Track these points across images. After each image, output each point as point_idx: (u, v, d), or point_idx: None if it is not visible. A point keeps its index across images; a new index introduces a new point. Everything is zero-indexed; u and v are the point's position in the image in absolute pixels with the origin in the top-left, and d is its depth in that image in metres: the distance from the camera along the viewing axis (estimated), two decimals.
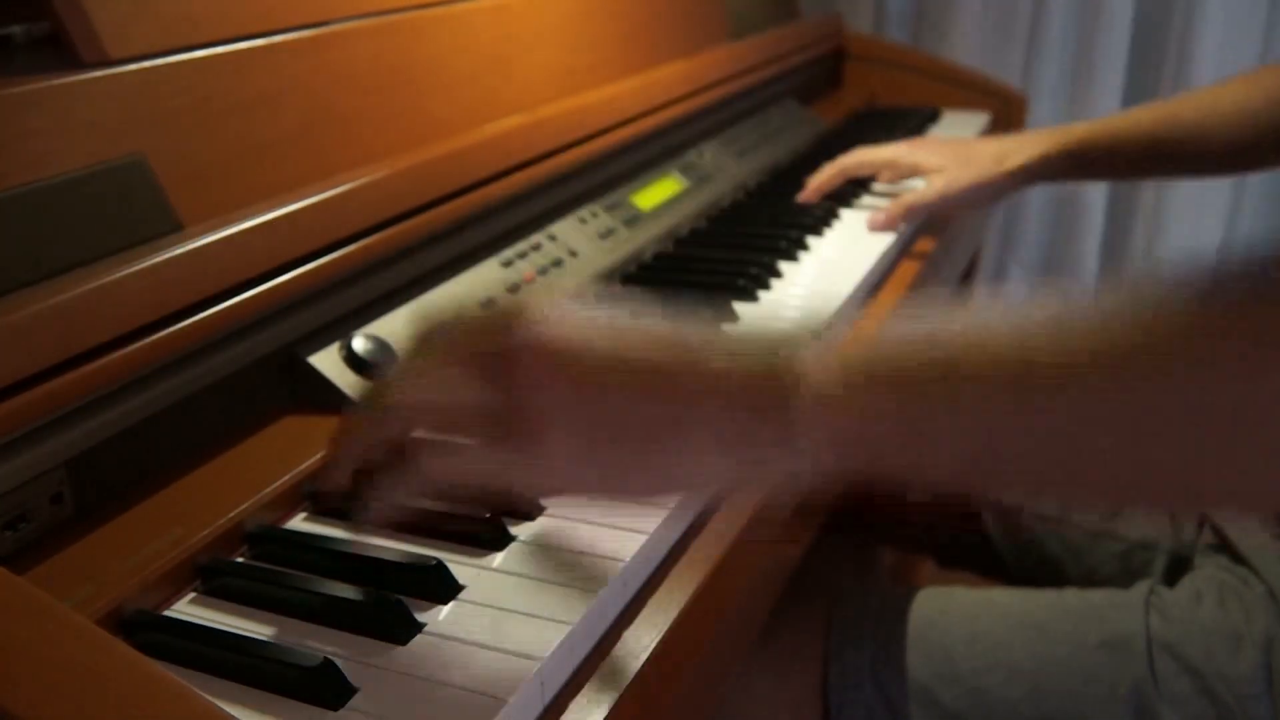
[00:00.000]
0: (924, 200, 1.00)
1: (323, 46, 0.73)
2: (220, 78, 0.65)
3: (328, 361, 0.63)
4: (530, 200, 0.84)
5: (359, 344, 0.65)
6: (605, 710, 0.46)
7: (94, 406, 0.52)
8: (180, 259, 0.55)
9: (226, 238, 0.58)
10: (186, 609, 0.49)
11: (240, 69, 0.67)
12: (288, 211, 0.62)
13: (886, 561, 1.32)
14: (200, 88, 0.64)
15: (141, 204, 0.58)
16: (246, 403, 0.61)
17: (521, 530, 0.54)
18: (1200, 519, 0.86)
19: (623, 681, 0.46)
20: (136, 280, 0.53)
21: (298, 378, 0.63)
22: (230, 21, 0.68)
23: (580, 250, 0.86)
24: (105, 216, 0.56)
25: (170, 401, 0.56)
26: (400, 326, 0.68)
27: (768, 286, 0.88)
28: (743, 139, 1.22)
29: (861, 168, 1.10)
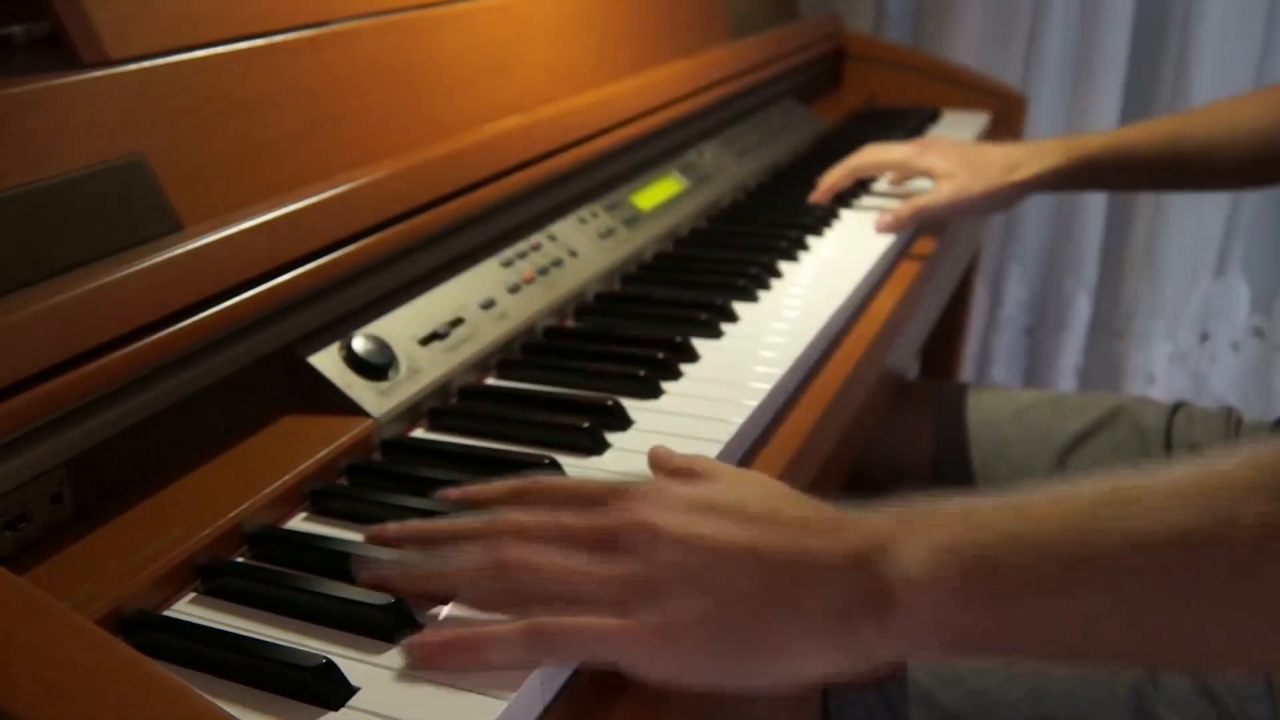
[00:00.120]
0: (933, 205, 1.00)
1: (323, 46, 0.73)
2: (220, 78, 0.65)
3: (328, 361, 0.63)
4: (530, 200, 0.84)
5: (359, 344, 0.65)
6: (605, 711, 0.46)
7: (94, 406, 0.52)
8: (180, 259, 0.55)
9: (226, 238, 0.58)
10: (186, 609, 0.49)
11: (240, 69, 0.67)
12: (288, 211, 0.62)
13: None
14: (200, 88, 0.64)
15: (141, 204, 0.58)
16: (246, 403, 0.61)
17: None
18: None
19: (623, 681, 0.46)
20: (136, 280, 0.53)
21: (298, 378, 0.63)
22: (230, 21, 0.68)
23: (580, 250, 0.86)
24: (105, 216, 0.56)
25: (170, 401, 0.56)
26: (400, 326, 0.68)
27: (768, 286, 0.88)
28: (743, 139, 1.22)
29: (872, 168, 1.10)
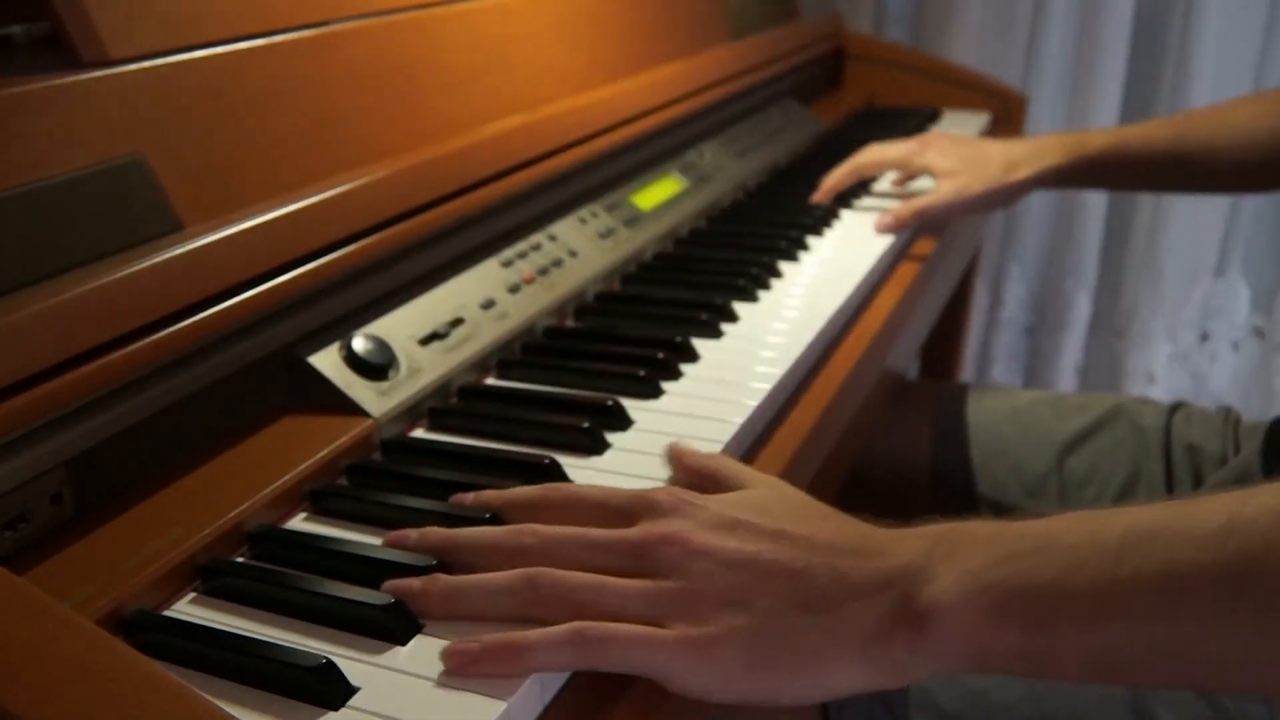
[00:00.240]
0: (934, 205, 1.00)
1: (323, 46, 0.73)
2: (221, 78, 0.65)
3: (328, 361, 0.63)
4: (530, 200, 0.84)
5: (359, 344, 0.65)
6: (605, 712, 0.46)
7: (94, 406, 0.52)
8: (180, 259, 0.55)
9: (226, 238, 0.58)
10: (186, 609, 0.49)
11: (241, 69, 0.67)
12: (288, 211, 0.62)
13: None
14: (200, 88, 0.64)
15: (142, 204, 0.58)
16: (246, 403, 0.61)
17: None
18: None
19: (622, 683, 0.46)
20: (136, 280, 0.53)
21: (298, 378, 0.63)
22: (231, 21, 0.68)
23: (580, 250, 0.86)
24: (105, 216, 0.56)
25: (170, 401, 0.56)
26: (400, 326, 0.68)
27: (768, 286, 0.88)
28: (743, 139, 1.22)
29: (874, 167, 1.09)
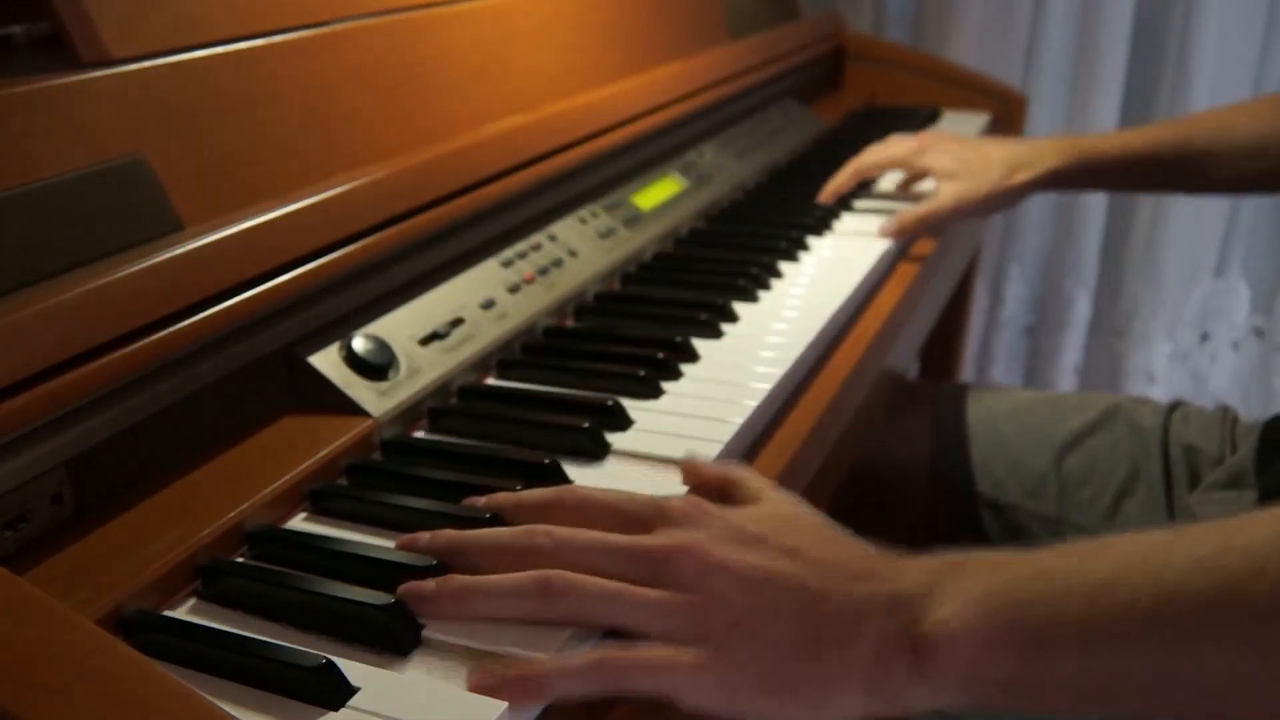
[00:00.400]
0: (938, 212, 0.99)
1: (323, 46, 0.73)
2: (221, 77, 0.65)
3: (328, 361, 0.64)
4: (530, 200, 0.84)
5: (359, 344, 0.65)
6: (604, 712, 0.46)
7: (94, 406, 0.52)
8: (181, 259, 0.55)
9: (226, 238, 0.58)
10: (186, 609, 0.49)
11: (241, 69, 0.67)
12: (288, 211, 0.62)
13: None
14: (200, 87, 0.64)
15: (142, 204, 0.58)
16: (246, 403, 0.61)
17: None
18: None
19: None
20: (137, 280, 0.53)
21: (298, 378, 0.63)
22: (231, 21, 0.68)
23: (580, 250, 0.86)
24: (105, 216, 0.56)
25: (170, 401, 0.56)
26: (400, 326, 0.68)
27: (768, 286, 0.88)
28: (743, 139, 1.22)
29: (875, 168, 1.09)
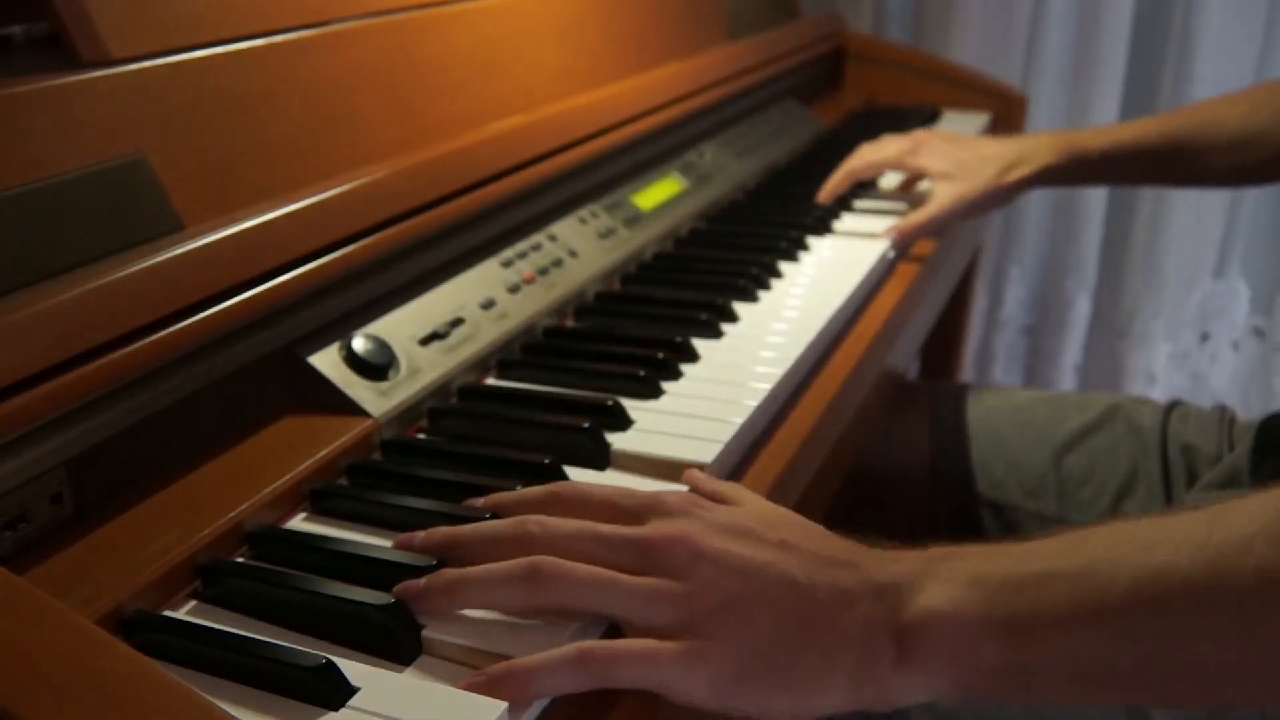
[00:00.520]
0: (936, 216, 0.99)
1: (323, 46, 0.73)
2: (221, 77, 0.65)
3: (328, 361, 0.64)
4: (530, 200, 0.85)
5: (359, 344, 0.65)
6: (604, 711, 0.46)
7: (94, 406, 0.52)
8: (181, 259, 0.55)
9: (227, 237, 0.58)
10: (186, 609, 0.49)
11: (241, 68, 0.67)
12: (288, 211, 0.62)
13: None
14: (200, 87, 0.64)
15: (142, 204, 0.58)
16: (246, 403, 0.61)
17: None
18: None
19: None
20: (137, 280, 0.53)
21: (298, 378, 0.63)
22: (231, 21, 0.68)
23: (580, 250, 0.86)
24: (105, 216, 0.56)
25: (170, 401, 0.56)
26: (400, 326, 0.68)
27: (768, 286, 0.88)
28: (742, 139, 1.22)
29: (868, 169, 1.09)
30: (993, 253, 1.87)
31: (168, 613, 0.49)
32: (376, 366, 0.64)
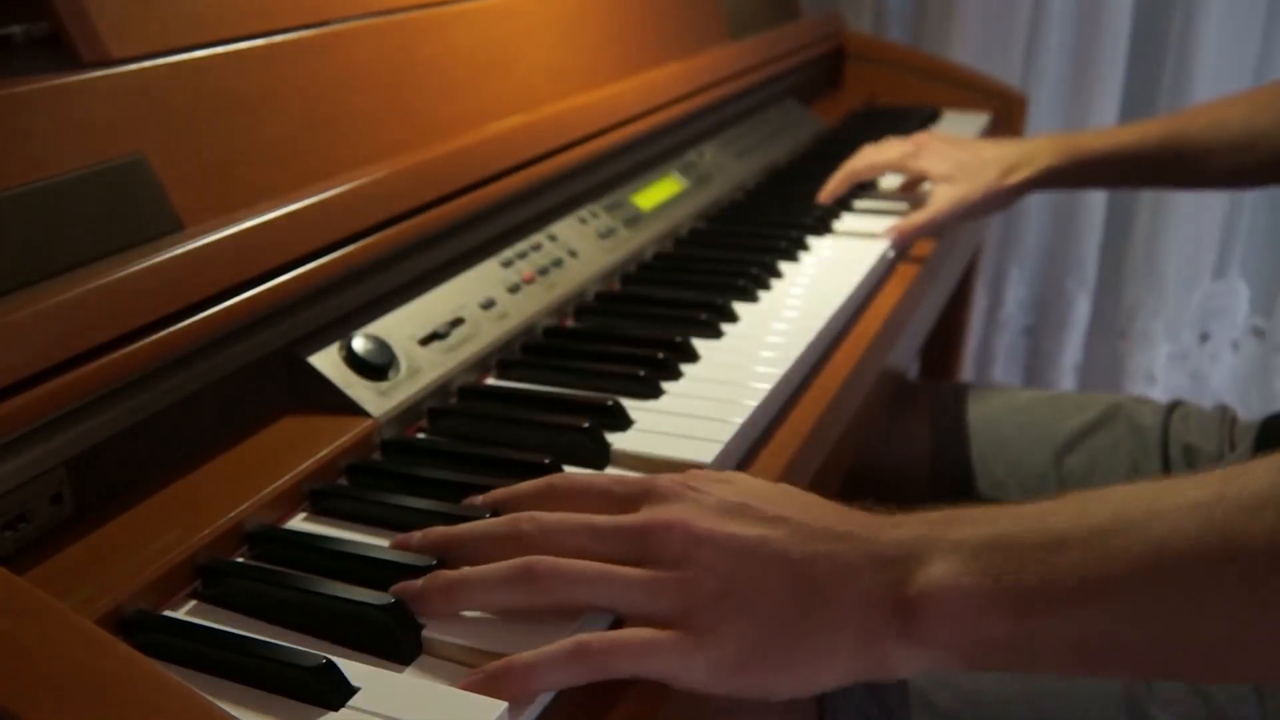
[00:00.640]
0: (936, 218, 0.99)
1: (323, 46, 0.73)
2: (221, 77, 0.65)
3: (328, 361, 0.64)
4: (530, 200, 0.85)
5: (359, 344, 0.65)
6: (604, 711, 0.46)
7: (94, 406, 0.52)
8: (181, 259, 0.55)
9: (227, 237, 0.58)
10: (186, 609, 0.49)
11: (241, 68, 0.67)
12: (288, 211, 0.62)
13: None
14: (200, 87, 0.64)
15: (142, 204, 0.58)
16: (246, 403, 0.61)
17: None
18: None
19: (622, 683, 0.46)
20: (137, 280, 0.53)
21: (298, 378, 0.63)
22: (231, 21, 0.68)
23: (580, 250, 0.86)
24: (105, 216, 0.56)
25: (170, 401, 0.56)
26: (400, 326, 0.68)
27: (768, 286, 0.88)
28: (742, 139, 1.22)
29: (869, 171, 1.09)
30: (993, 253, 1.87)
31: (168, 613, 0.49)
32: (376, 366, 0.64)
